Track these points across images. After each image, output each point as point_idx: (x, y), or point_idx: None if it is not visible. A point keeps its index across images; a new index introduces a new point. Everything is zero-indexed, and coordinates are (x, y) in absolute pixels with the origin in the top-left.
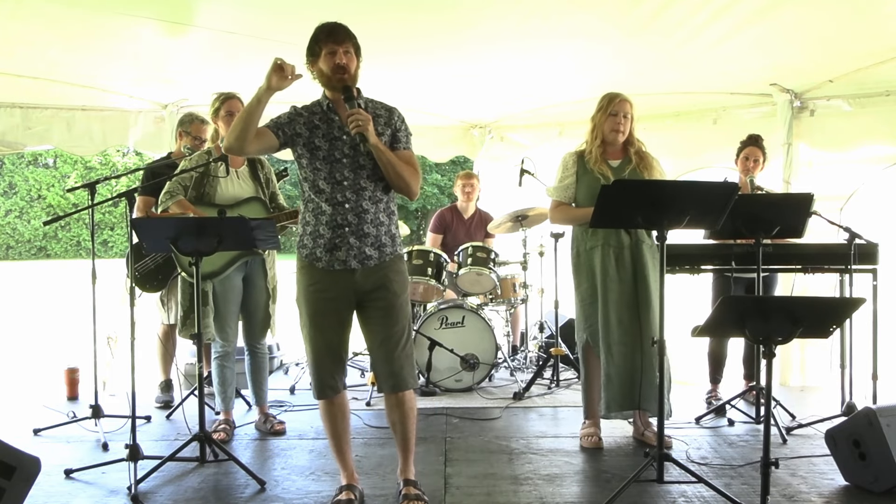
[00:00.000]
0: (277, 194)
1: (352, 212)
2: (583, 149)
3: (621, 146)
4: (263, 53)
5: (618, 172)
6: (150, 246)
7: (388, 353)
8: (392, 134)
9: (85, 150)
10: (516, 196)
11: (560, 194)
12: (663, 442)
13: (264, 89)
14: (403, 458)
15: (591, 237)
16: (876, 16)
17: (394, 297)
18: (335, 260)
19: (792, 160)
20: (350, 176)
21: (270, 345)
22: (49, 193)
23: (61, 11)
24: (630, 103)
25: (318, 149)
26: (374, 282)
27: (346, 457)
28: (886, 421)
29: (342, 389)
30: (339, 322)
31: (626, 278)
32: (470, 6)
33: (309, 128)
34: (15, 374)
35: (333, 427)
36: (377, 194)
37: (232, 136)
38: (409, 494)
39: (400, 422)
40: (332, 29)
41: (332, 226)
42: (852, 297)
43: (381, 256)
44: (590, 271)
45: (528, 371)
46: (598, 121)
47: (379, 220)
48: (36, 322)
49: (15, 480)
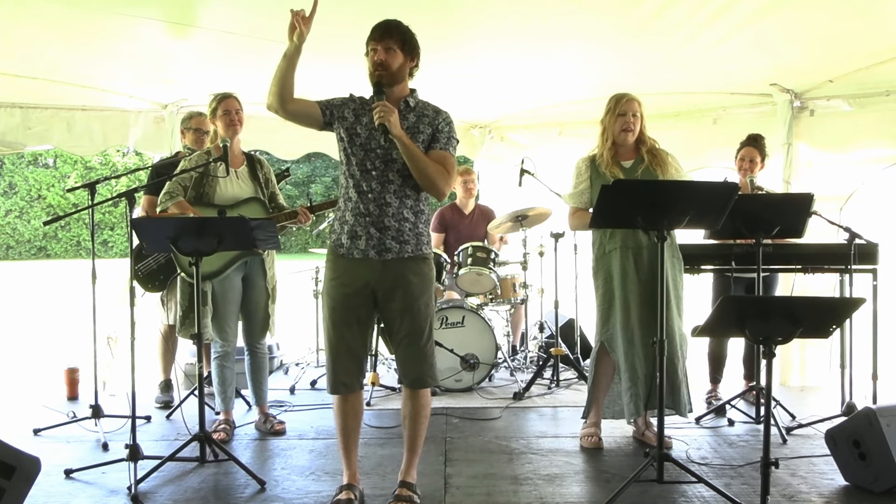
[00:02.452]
0: (277, 194)
1: (374, 202)
2: (595, 153)
3: (633, 146)
4: (263, 53)
5: (630, 173)
6: (150, 246)
7: (406, 352)
8: (432, 133)
9: (85, 150)
10: (516, 196)
11: (576, 200)
12: (663, 442)
13: (291, 46)
14: (408, 459)
15: (610, 240)
16: (876, 16)
17: (412, 298)
18: (355, 248)
19: (792, 160)
20: (380, 167)
21: (270, 345)
22: (49, 193)
23: (61, 11)
24: (638, 102)
25: (357, 135)
26: (393, 280)
27: (352, 456)
28: (886, 421)
29: (358, 389)
30: (357, 319)
31: (644, 279)
32: (470, 6)
33: (356, 115)
34: (15, 374)
35: (343, 424)
36: (405, 190)
37: (270, 95)
38: (401, 495)
39: (411, 416)
40: (377, 26)
41: (356, 213)
42: (852, 297)
43: (401, 250)
44: (607, 274)
45: (528, 371)
46: (608, 123)
47: (402, 215)
48: (36, 322)
49: (15, 480)
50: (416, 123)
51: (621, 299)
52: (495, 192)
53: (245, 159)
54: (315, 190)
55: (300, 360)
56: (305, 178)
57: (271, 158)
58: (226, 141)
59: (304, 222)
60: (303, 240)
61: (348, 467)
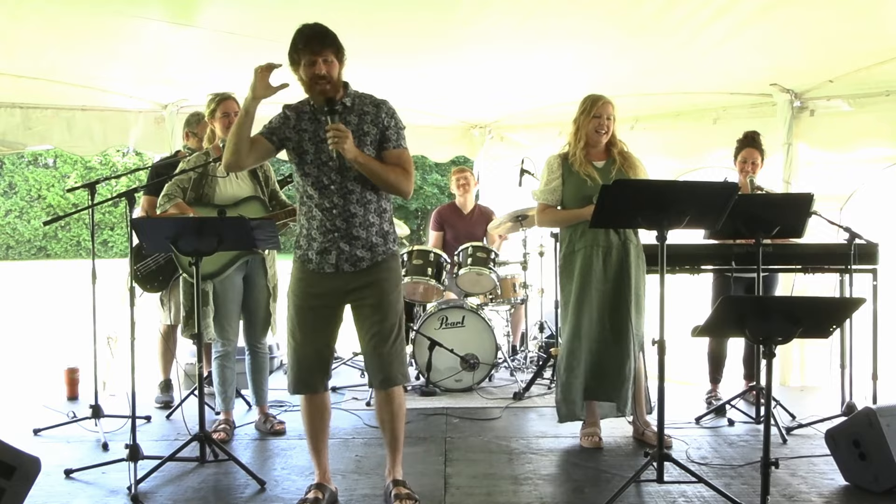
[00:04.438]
0: (277, 192)
1: (340, 217)
2: (566, 151)
3: (604, 147)
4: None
5: (603, 173)
6: (149, 246)
7: (377, 349)
8: (381, 132)
9: (85, 150)
10: (516, 196)
11: (546, 197)
12: (663, 442)
13: (250, 99)
14: (392, 458)
15: (580, 239)
16: (876, 16)
17: (383, 293)
18: (325, 263)
19: (792, 160)
20: (337, 179)
21: (271, 345)
22: (49, 193)
23: (61, 11)
24: (612, 105)
25: (305, 153)
26: (365, 280)
27: (321, 456)
28: (886, 421)
29: (322, 390)
30: (325, 319)
31: (611, 277)
32: (470, 6)
33: (297, 131)
34: (15, 374)
35: (310, 425)
36: (365, 196)
37: (227, 154)
38: (399, 494)
39: (389, 420)
40: (309, 37)
41: (323, 230)
42: (852, 297)
43: (373, 257)
44: (573, 273)
45: (528, 371)
46: (581, 123)
47: (369, 221)
48: (36, 322)
49: (15, 480)
50: (360, 125)
51: (577, 294)
52: (495, 192)
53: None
54: None
55: None
56: None
57: (274, 161)
58: (224, 141)
59: None
60: None
61: (318, 467)
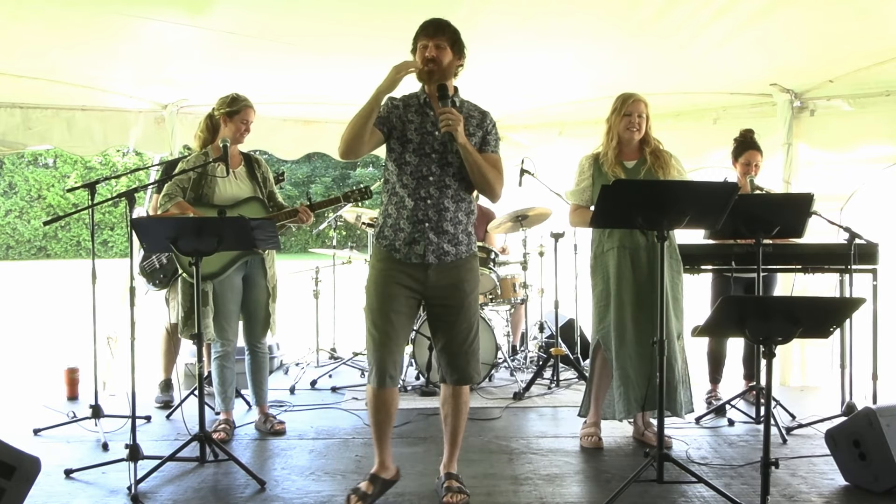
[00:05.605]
0: (275, 193)
1: (433, 208)
2: (599, 151)
3: (637, 146)
4: (263, 54)
5: (632, 173)
6: (149, 246)
7: (457, 348)
8: (482, 136)
9: (85, 150)
10: (516, 196)
11: (577, 198)
12: (663, 442)
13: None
14: (449, 452)
15: (608, 239)
16: (876, 16)
17: (465, 295)
18: (413, 253)
19: (792, 160)
20: (437, 172)
21: (270, 345)
22: (49, 193)
23: (61, 11)
24: (645, 103)
25: (409, 142)
26: (448, 279)
27: (385, 446)
28: (886, 421)
29: (397, 383)
30: (406, 309)
31: (641, 279)
32: (470, 6)
33: (403, 121)
34: (15, 374)
35: (384, 416)
36: (460, 193)
37: (349, 140)
38: (451, 487)
39: (452, 414)
40: (427, 24)
41: (413, 220)
42: (852, 297)
43: (457, 253)
44: (604, 273)
45: (528, 371)
46: (613, 122)
47: (458, 218)
48: (36, 322)
49: (15, 480)
50: (466, 126)
51: (616, 298)
52: None
53: (242, 159)
54: (315, 190)
55: (300, 360)
56: (305, 178)
57: (271, 158)
58: (225, 141)
59: (305, 221)
60: (303, 240)
61: (378, 455)
